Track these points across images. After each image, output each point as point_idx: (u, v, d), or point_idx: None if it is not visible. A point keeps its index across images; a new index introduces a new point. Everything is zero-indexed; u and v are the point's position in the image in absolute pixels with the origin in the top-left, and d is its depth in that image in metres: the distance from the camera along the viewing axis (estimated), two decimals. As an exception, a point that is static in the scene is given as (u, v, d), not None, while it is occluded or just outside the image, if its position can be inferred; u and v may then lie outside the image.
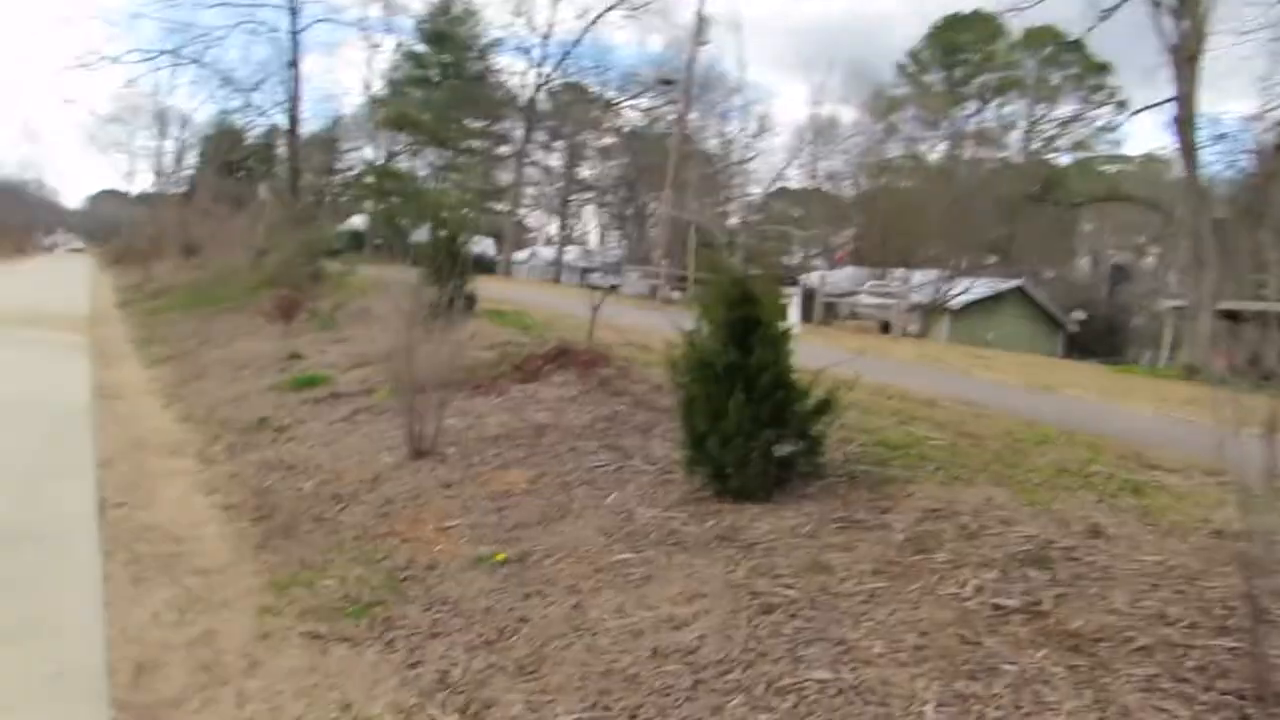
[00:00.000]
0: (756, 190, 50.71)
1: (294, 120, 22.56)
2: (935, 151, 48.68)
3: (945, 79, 48.86)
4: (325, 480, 6.81)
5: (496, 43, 56.48)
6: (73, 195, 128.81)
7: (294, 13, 21.81)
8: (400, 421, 7.40)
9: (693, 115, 40.95)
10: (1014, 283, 35.81)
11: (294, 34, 21.38)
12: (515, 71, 57.89)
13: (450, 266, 13.02)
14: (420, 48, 60.38)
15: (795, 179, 50.98)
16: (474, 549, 5.21)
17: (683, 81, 35.82)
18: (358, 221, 60.28)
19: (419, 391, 7.18)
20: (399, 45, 56.46)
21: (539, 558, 4.98)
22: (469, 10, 60.06)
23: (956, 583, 4.12)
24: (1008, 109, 48.12)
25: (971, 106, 48.37)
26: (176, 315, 21.22)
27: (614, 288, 28.28)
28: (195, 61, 22.02)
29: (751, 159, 49.03)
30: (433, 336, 7.93)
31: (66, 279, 41.70)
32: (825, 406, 5.61)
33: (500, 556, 5.02)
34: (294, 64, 22.19)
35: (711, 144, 49.59)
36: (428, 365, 7.38)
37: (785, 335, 5.69)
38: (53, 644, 4.20)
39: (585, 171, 60.91)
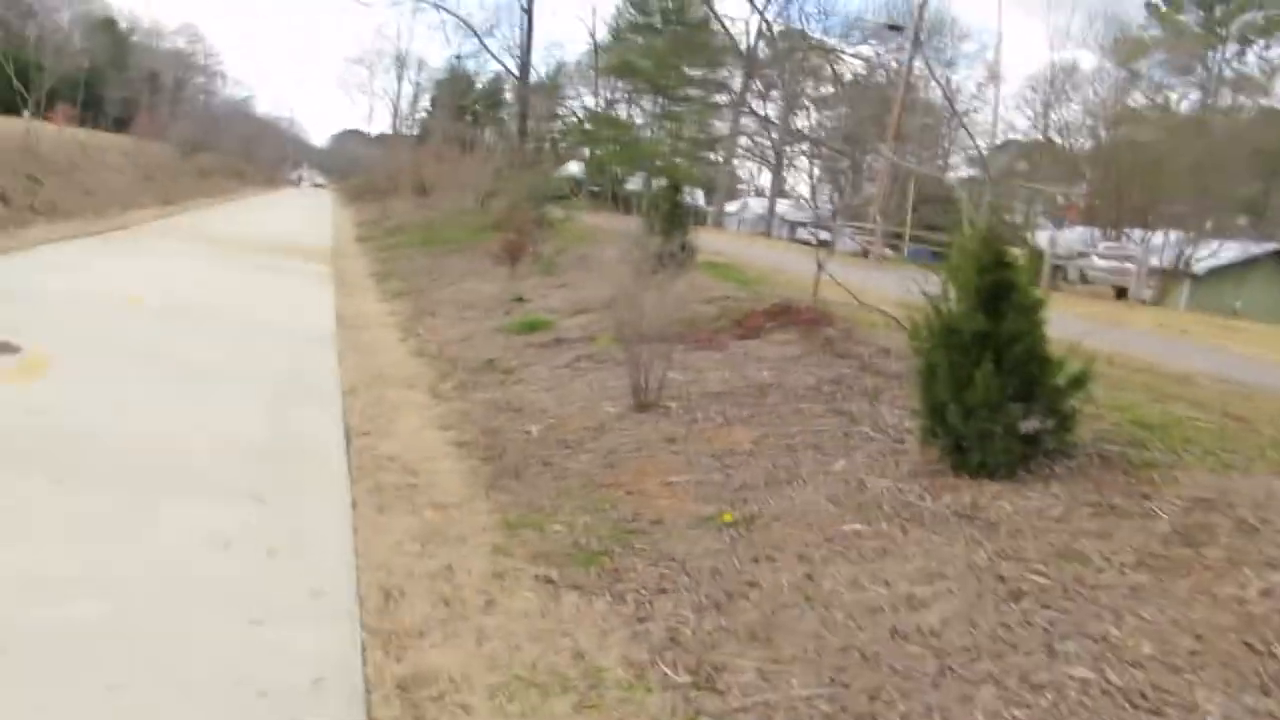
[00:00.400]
0: (982, 143, 47.99)
1: (524, 66, 23.17)
2: (1185, 100, 44.42)
3: (1202, 19, 44.31)
4: (551, 425, 6.97)
5: (715, -9, 55.64)
6: (318, 133, 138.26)
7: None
8: (622, 371, 7.48)
9: (918, 63, 39.05)
10: (1270, 246, 32.32)
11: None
12: (737, 17, 56.86)
13: (672, 217, 13.04)
14: (639, -7, 60.84)
15: (1024, 130, 47.90)
16: (699, 507, 5.17)
17: (911, 27, 34.18)
18: (574, 168, 61.48)
19: (643, 342, 7.21)
20: (621, -5, 56.96)
21: (766, 521, 4.89)
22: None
23: (1236, 583, 3.70)
24: (1274, 51, 43.14)
25: (1231, 49, 43.72)
26: (411, 252, 22.43)
27: (825, 243, 27.56)
28: (437, 5, 22.78)
29: (978, 109, 46.40)
30: (655, 287, 7.94)
31: (312, 213, 45.06)
32: (1080, 381, 5.18)
33: (727, 517, 4.97)
34: (528, 10, 22.65)
35: (935, 93, 47.23)
36: (652, 316, 7.40)
37: (1040, 303, 5.29)
38: (312, 561, 4.50)
39: (801, 122, 59.49)
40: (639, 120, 63.34)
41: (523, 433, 6.90)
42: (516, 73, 25.46)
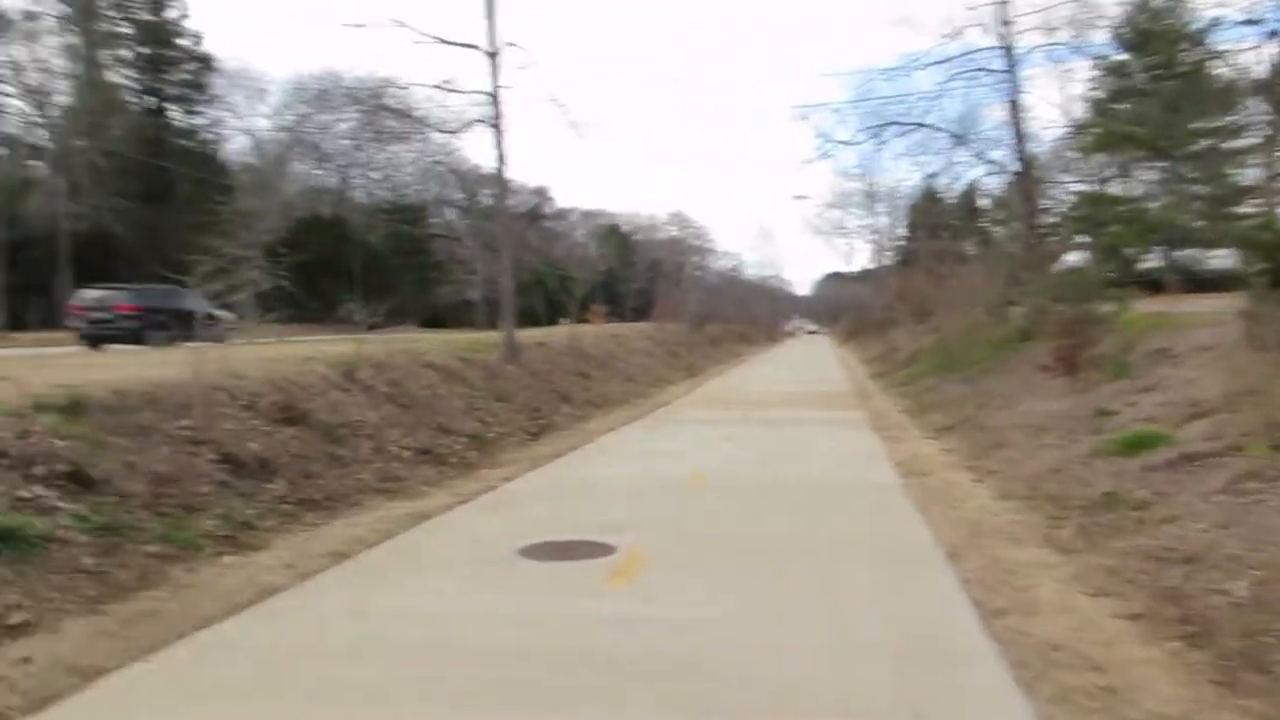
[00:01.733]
0: None
1: (1024, 158, 21.31)
2: None
3: None
4: (1261, 580, 5.11)
5: (1213, 24, 48.92)
6: (801, 283, 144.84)
7: (1008, 50, 20.73)
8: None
9: None
10: None
11: (1009, 70, 20.34)
12: (1242, 49, 49.42)
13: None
14: (1121, 56, 55.64)
15: None
16: None
17: None
18: (1071, 259, 56.18)
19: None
20: (1097, 61, 52.51)
21: None
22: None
23: None
24: None
25: None
26: (934, 380, 21.15)
27: None
28: (919, 125, 22.08)
29: None
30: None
31: (816, 359, 45.94)
32: None
33: None
34: (1014, 103, 21.06)
35: None
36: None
37: None
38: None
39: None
40: (1139, 190, 56.99)
41: (1221, 595, 5.12)
42: (1010, 169, 23.60)
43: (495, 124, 19.63)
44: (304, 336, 24.36)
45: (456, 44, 19.31)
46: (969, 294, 28.02)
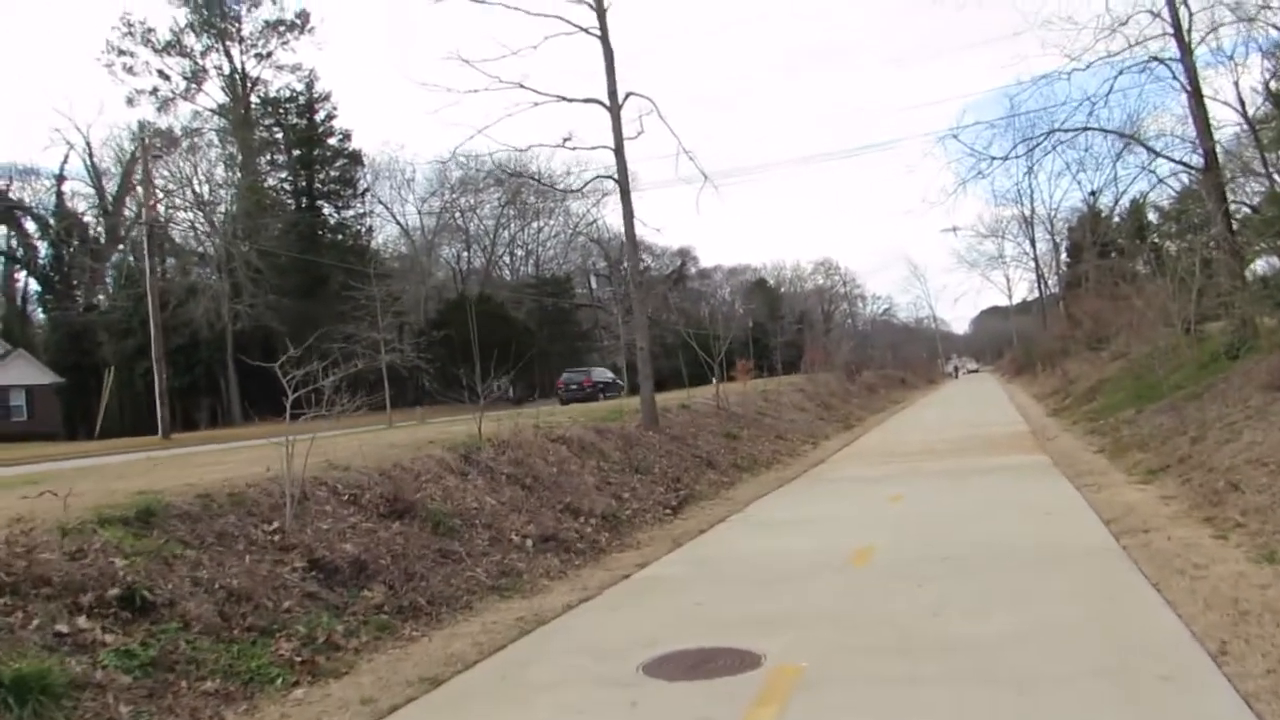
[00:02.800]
0: None
1: (1210, 155, 18.75)
2: None
3: None
4: None
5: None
6: (957, 320, 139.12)
7: (1181, 33, 18.37)
8: None
9: None
10: None
11: (1185, 54, 17.86)
12: None
13: None
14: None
15: None
16: None
17: None
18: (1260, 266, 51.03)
19: None
20: (1275, 48, 47.92)
21: None
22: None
23: None
24: None
25: None
26: (1128, 413, 18.62)
27: None
28: (1084, 129, 19.85)
29: None
30: None
31: (982, 399, 42.86)
32: None
33: None
34: (1196, 88, 18.59)
35: None
36: None
37: None
38: None
39: None
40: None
41: None
42: (1193, 166, 20.89)
43: (621, 179, 18.71)
44: (446, 417, 23.85)
45: (577, 100, 18.61)
46: (1155, 313, 25.05)
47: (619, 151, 18.48)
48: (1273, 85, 54.24)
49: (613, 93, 18.49)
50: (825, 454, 21.31)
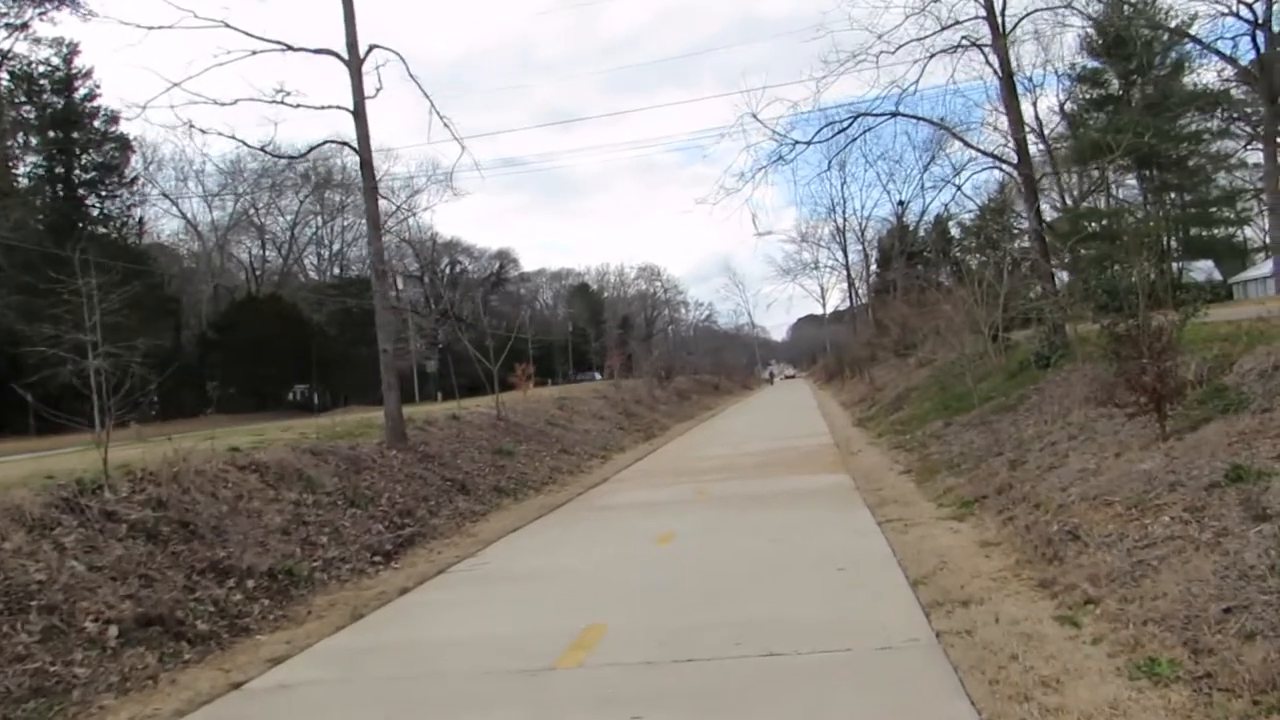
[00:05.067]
0: None
1: (1022, 145, 17.30)
2: None
3: None
4: None
5: (1192, 19, 45.90)
6: (777, 328, 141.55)
7: (994, 14, 16.81)
8: None
9: None
10: None
11: (1001, 35, 16.32)
12: (1226, 37, 46.10)
13: None
14: (1092, 63, 52.57)
15: None
16: None
17: None
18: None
19: None
20: (1069, 70, 49.29)
21: None
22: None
23: None
24: None
25: None
26: (935, 426, 16.93)
27: None
28: (894, 114, 18.10)
29: None
30: None
31: (792, 407, 41.67)
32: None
33: None
34: (1009, 75, 17.12)
35: None
36: None
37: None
38: None
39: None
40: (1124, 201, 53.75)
41: None
42: (1008, 160, 19.54)
43: (361, 149, 15.50)
44: (217, 429, 19.79)
45: (306, 49, 15.25)
46: (962, 318, 23.89)
47: (359, 114, 15.29)
48: (1068, 107, 55.56)
49: (352, 44, 15.30)
50: (611, 471, 18.74)
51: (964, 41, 16.80)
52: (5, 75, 50.23)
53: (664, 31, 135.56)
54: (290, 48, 14.90)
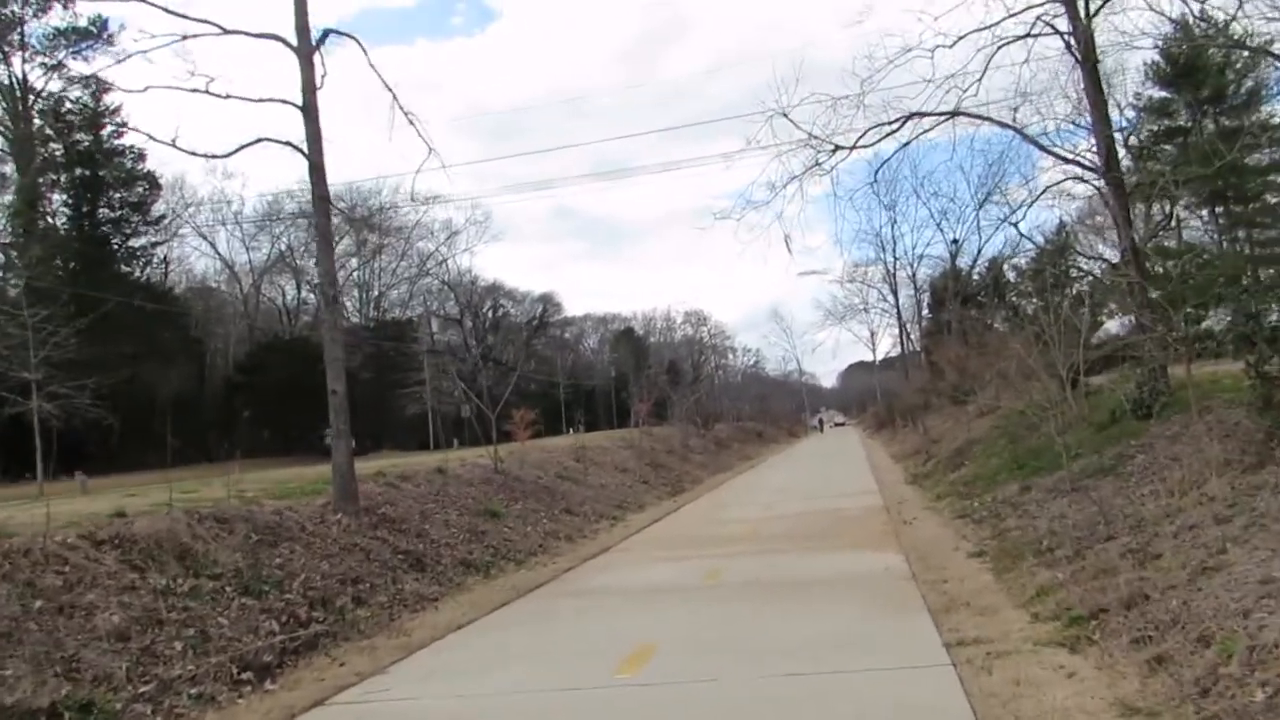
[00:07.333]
0: None
1: (1108, 146, 14.29)
2: None
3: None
4: None
5: (1270, 42, 42.37)
6: (827, 375, 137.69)
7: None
8: None
9: None
10: None
11: (1085, 19, 13.42)
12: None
13: None
14: (1160, 93, 49.25)
15: None
16: None
17: None
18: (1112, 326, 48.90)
19: None
20: (1135, 100, 46.05)
21: None
22: (1210, 20, 46.84)
23: None
24: None
25: None
26: (1009, 490, 13.77)
27: None
28: (954, 113, 15.17)
29: None
30: None
31: (840, 458, 38.37)
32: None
33: None
34: (1094, 67, 14.20)
35: None
36: None
37: None
38: None
39: None
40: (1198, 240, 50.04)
41: None
42: (1091, 165, 16.44)
43: (311, 151, 12.99)
44: (211, 475, 17.33)
45: (249, 34, 12.84)
46: (1033, 360, 20.63)
47: (308, 110, 12.80)
48: (1131, 140, 52.06)
49: (303, 28, 12.87)
50: (617, 537, 15.80)
51: (1040, 25, 13.85)
52: (35, 113, 49.52)
53: (724, 80, 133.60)
54: (225, 30, 12.48)
